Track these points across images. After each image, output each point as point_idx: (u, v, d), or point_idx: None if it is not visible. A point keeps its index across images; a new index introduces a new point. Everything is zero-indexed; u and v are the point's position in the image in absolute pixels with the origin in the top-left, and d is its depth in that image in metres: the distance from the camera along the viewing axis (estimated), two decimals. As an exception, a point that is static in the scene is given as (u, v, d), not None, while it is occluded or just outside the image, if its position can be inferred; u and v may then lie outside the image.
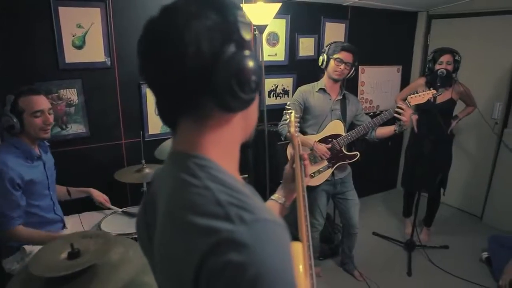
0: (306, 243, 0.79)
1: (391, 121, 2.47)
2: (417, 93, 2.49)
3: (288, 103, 2.68)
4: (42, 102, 1.86)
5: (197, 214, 0.54)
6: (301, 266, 0.71)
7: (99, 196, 2.28)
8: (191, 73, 0.57)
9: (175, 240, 0.57)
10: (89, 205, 2.33)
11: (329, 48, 2.54)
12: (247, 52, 0.60)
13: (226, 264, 0.49)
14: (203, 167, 0.60)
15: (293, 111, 1.31)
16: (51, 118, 1.90)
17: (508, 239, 2.98)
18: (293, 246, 0.71)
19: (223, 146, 0.64)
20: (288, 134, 0.98)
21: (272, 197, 1.09)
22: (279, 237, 0.55)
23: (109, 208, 2.32)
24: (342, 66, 2.49)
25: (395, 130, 2.49)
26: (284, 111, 2.52)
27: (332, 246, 3.20)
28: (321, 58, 2.57)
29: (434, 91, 2.50)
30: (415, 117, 3.10)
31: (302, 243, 0.76)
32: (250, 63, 0.59)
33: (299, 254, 0.73)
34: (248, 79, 0.60)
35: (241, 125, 0.67)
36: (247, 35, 0.61)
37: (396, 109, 2.39)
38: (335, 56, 2.49)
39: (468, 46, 3.50)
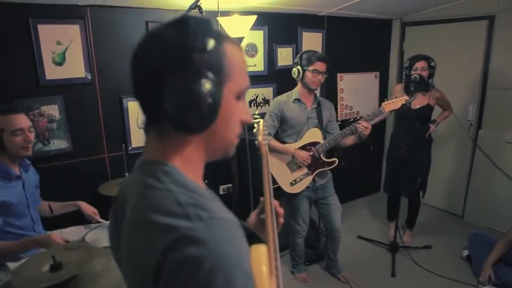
0: (273, 245, 0.82)
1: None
2: (391, 100, 2.60)
3: (265, 115, 2.74)
4: (21, 120, 1.87)
5: (159, 214, 0.59)
6: (264, 268, 0.73)
7: (88, 209, 2.25)
8: (145, 90, 0.64)
9: (138, 238, 0.62)
10: (72, 220, 2.33)
11: (301, 59, 2.58)
12: (202, 79, 0.61)
13: (185, 258, 0.54)
14: (167, 173, 0.66)
15: (261, 120, 1.37)
16: (31, 135, 1.91)
17: (486, 236, 3.07)
18: (257, 248, 0.76)
19: (185, 158, 0.69)
20: (256, 142, 1.01)
21: None
22: (233, 232, 0.60)
23: (98, 222, 2.31)
24: (320, 76, 2.57)
25: (355, 141, 2.62)
26: (252, 120, 2.57)
27: (317, 251, 3.25)
28: (295, 69, 2.61)
29: (407, 97, 2.60)
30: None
31: (267, 245, 0.80)
32: (202, 90, 0.61)
33: (262, 255, 0.76)
34: (197, 106, 0.61)
35: (203, 144, 0.70)
36: (213, 61, 0.63)
37: (358, 127, 2.50)
38: (311, 67, 2.55)
39: (441, 51, 3.63)
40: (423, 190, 3.42)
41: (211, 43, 0.63)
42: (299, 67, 2.59)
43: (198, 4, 2.25)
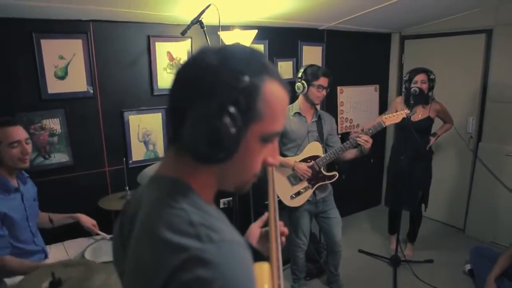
0: (276, 263, 0.82)
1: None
2: (391, 113, 2.61)
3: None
4: (18, 132, 1.88)
5: (171, 231, 0.59)
6: (266, 286, 0.73)
7: (88, 221, 2.26)
8: (173, 110, 0.65)
9: (147, 253, 0.61)
10: (73, 232, 2.32)
11: (306, 74, 2.59)
12: (223, 115, 0.60)
13: (194, 279, 0.54)
14: (182, 192, 0.66)
15: None
16: (28, 147, 1.92)
17: (488, 250, 3.05)
18: (260, 266, 0.76)
19: (198, 181, 0.69)
20: None
21: None
22: (242, 256, 0.61)
23: (98, 234, 2.30)
24: (324, 92, 2.59)
25: (356, 155, 2.63)
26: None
27: (318, 265, 3.22)
28: (299, 84, 2.60)
29: (407, 111, 2.61)
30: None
31: (270, 263, 0.80)
32: (221, 126, 0.60)
33: (265, 274, 0.76)
34: (212, 140, 0.61)
35: (216, 174, 0.70)
36: (244, 102, 0.61)
37: (358, 140, 2.50)
38: (317, 83, 2.55)
39: (440, 64, 3.66)
40: (425, 203, 3.41)
41: (245, 81, 0.61)
42: (303, 81, 2.59)
43: (200, 19, 2.28)
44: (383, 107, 4.38)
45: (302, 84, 2.59)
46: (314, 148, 2.67)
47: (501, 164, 3.50)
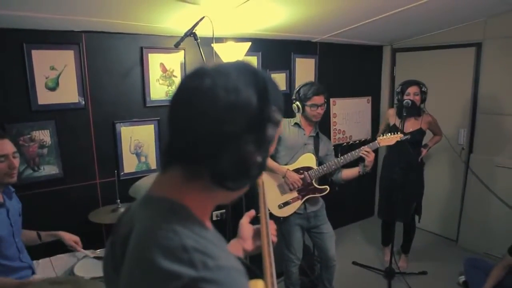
0: (270, 279, 0.81)
1: (355, 162, 2.63)
2: (386, 134, 2.67)
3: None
4: (5, 146, 1.82)
5: (163, 257, 0.56)
6: None
7: (70, 239, 2.18)
8: (202, 139, 0.61)
9: (140, 280, 0.58)
10: (61, 247, 2.26)
11: (299, 95, 2.61)
12: (262, 149, 0.62)
13: None
14: (176, 212, 0.63)
15: None
16: (16, 162, 1.86)
17: (482, 261, 3.04)
18: (255, 284, 0.74)
19: (202, 200, 0.68)
20: None
21: None
22: (239, 283, 0.58)
23: (80, 252, 2.23)
24: (319, 109, 2.60)
25: (359, 172, 2.62)
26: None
27: (312, 278, 3.18)
28: (294, 105, 2.65)
29: (402, 135, 2.67)
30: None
31: (264, 281, 0.79)
32: (259, 159, 0.62)
33: None
34: (250, 172, 0.62)
35: (224, 196, 0.70)
36: (270, 132, 0.63)
37: (362, 153, 2.54)
38: (309, 103, 2.57)
39: (431, 76, 3.70)
40: (419, 215, 3.41)
41: (279, 117, 0.64)
42: (298, 102, 2.62)
43: (193, 31, 2.27)
44: (376, 119, 4.41)
45: (297, 105, 2.62)
46: (307, 159, 2.66)
47: (492, 175, 3.52)
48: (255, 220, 1.10)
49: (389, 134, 2.69)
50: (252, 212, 1.11)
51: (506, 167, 3.41)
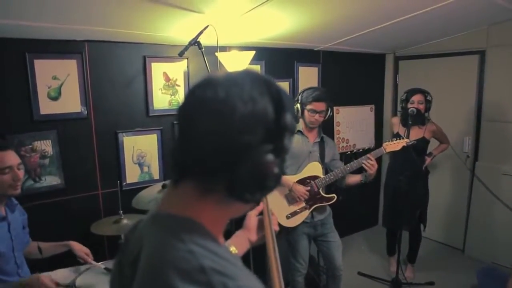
0: (276, 273, 0.83)
1: (359, 168, 2.58)
2: (392, 140, 2.63)
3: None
4: (10, 158, 1.76)
5: (180, 280, 0.53)
6: None
7: (81, 250, 2.10)
8: (219, 151, 0.58)
9: None
10: (61, 262, 2.20)
11: (301, 97, 2.59)
12: (279, 159, 0.61)
13: None
14: (190, 231, 0.60)
15: None
16: (20, 173, 1.80)
17: (497, 270, 2.97)
18: None
19: (217, 216, 0.65)
20: None
21: None
22: None
23: (90, 264, 2.17)
24: (317, 116, 2.57)
25: (361, 180, 2.60)
26: None
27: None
28: (295, 106, 2.62)
29: (408, 140, 2.65)
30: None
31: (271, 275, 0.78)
32: (276, 170, 0.60)
33: None
34: (268, 184, 0.60)
35: (238, 208, 0.68)
36: (287, 141, 0.62)
37: (365, 162, 2.50)
38: (309, 107, 2.55)
39: (435, 84, 3.68)
40: (424, 223, 3.37)
41: (294, 125, 0.64)
42: (299, 104, 2.60)
43: (197, 40, 2.25)
44: (379, 127, 4.39)
45: (297, 107, 2.60)
46: (314, 168, 2.63)
47: (498, 183, 3.48)
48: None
49: (395, 139, 2.67)
50: (261, 206, 1.15)
51: (512, 175, 3.38)
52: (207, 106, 0.59)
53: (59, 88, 2.46)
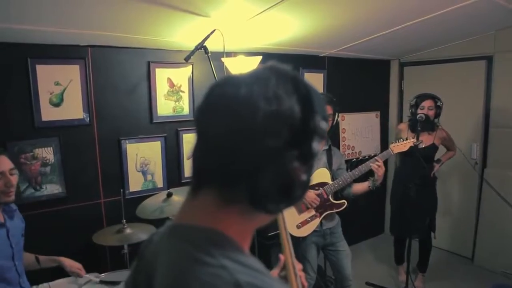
0: None
1: (365, 177, 2.55)
2: (398, 141, 2.56)
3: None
4: (1, 163, 1.70)
5: None
6: None
7: (73, 266, 2.03)
8: (241, 156, 0.52)
9: None
10: (61, 271, 2.12)
11: None
12: (306, 166, 0.55)
13: None
14: (218, 244, 0.53)
15: None
16: (13, 179, 1.72)
17: (508, 286, 2.89)
18: None
19: (239, 227, 0.58)
20: None
21: None
22: None
23: (84, 278, 2.09)
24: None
25: (369, 187, 2.54)
26: None
27: (326, 300, 3.04)
28: None
29: (415, 140, 2.59)
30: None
31: None
32: (304, 177, 0.55)
33: None
34: (294, 193, 0.55)
35: (263, 219, 0.61)
36: (316, 146, 0.56)
37: (373, 166, 2.47)
38: None
39: (440, 90, 3.59)
40: (433, 230, 3.29)
41: (325, 128, 0.57)
42: None
43: (204, 44, 2.20)
44: (385, 134, 4.33)
45: None
46: (322, 175, 2.57)
47: (507, 190, 3.41)
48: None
49: (401, 140, 2.61)
50: (282, 261, 0.97)
51: (522, 182, 3.31)
52: (227, 105, 0.53)
53: (62, 94, 2.40)
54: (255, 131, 0.51)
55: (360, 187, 2.60)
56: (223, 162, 0.53)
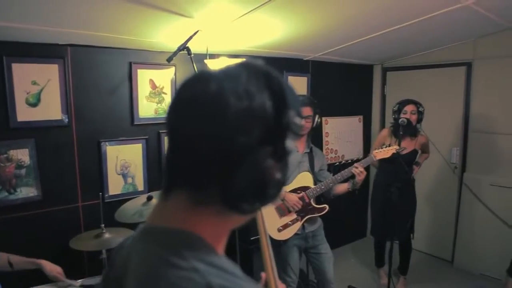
0: None
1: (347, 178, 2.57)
2: (381, 148, 2.61)
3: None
4: None
5: None
6: None
7: (53, 269, 1.95)
8: (212, 156, 0.50)
9: None
10: (38, 277, 2.04)
11: None
12: (281, 163, 0.53)
13: None
14: (191, 246, 0.51)
15: None
16: None
17: None
18: None
19: (213, 228, 0.56)
20: None
21: None
22: None
23: (64, 282, 2.02)
24: (303, 121, 2.51)
25: (348, 188, 2.57)
26: None
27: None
28: None
29: (397, 147, 2.63)
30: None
31: None
32: (278, 176, 0.53)
33: None
34: (269, 192, 0.53)
35: (237, 220, 0.59)
36: (290, 143, 0.54)
37: (354, 171, 2.49)
38: None
39: (422, 95, 3.66)
40: (412, 232, 3.34)
41: (299, 124, 0.55)
42: None
43: (187, 45, 2.17)
44: (367, 138, 4.37)
45: None
46: (304, 179, 2.56)
47: (486, 194, 3.48)
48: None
49: (384, 146, 2.65)
50: (263, 279, 0.98)
51: (500, 186, 3.38)
52: (196, 102, 0.51)
53: (39, 94, 2.33)
54: (225, 128, 0.49)
55: (340, 188, 2.62)
56: (194, 161, 0.51)
